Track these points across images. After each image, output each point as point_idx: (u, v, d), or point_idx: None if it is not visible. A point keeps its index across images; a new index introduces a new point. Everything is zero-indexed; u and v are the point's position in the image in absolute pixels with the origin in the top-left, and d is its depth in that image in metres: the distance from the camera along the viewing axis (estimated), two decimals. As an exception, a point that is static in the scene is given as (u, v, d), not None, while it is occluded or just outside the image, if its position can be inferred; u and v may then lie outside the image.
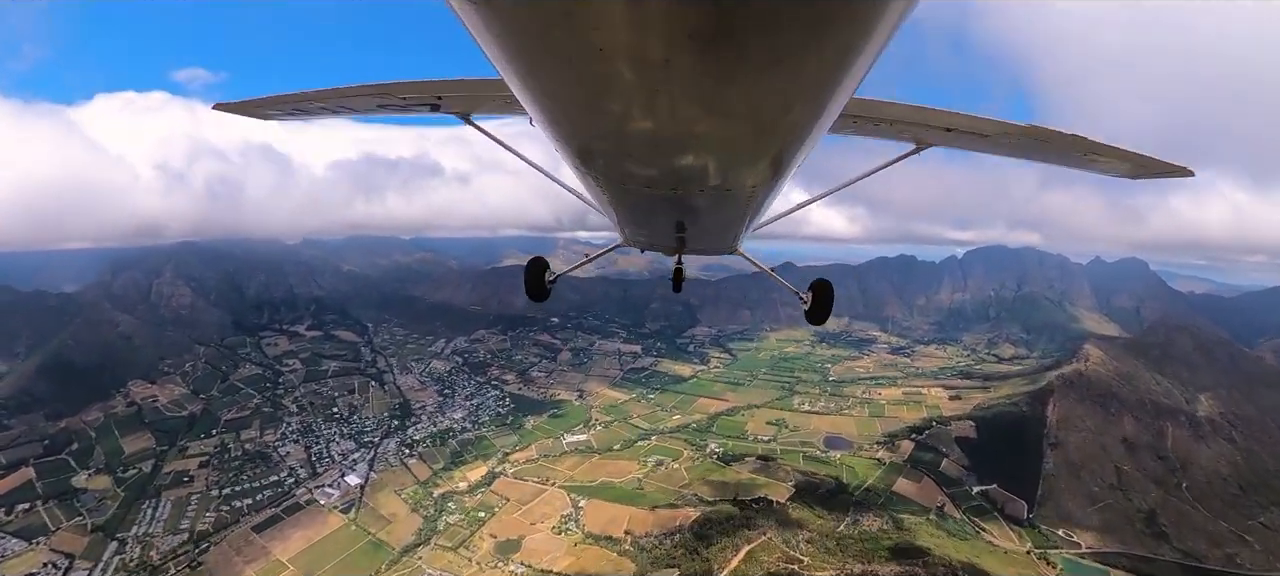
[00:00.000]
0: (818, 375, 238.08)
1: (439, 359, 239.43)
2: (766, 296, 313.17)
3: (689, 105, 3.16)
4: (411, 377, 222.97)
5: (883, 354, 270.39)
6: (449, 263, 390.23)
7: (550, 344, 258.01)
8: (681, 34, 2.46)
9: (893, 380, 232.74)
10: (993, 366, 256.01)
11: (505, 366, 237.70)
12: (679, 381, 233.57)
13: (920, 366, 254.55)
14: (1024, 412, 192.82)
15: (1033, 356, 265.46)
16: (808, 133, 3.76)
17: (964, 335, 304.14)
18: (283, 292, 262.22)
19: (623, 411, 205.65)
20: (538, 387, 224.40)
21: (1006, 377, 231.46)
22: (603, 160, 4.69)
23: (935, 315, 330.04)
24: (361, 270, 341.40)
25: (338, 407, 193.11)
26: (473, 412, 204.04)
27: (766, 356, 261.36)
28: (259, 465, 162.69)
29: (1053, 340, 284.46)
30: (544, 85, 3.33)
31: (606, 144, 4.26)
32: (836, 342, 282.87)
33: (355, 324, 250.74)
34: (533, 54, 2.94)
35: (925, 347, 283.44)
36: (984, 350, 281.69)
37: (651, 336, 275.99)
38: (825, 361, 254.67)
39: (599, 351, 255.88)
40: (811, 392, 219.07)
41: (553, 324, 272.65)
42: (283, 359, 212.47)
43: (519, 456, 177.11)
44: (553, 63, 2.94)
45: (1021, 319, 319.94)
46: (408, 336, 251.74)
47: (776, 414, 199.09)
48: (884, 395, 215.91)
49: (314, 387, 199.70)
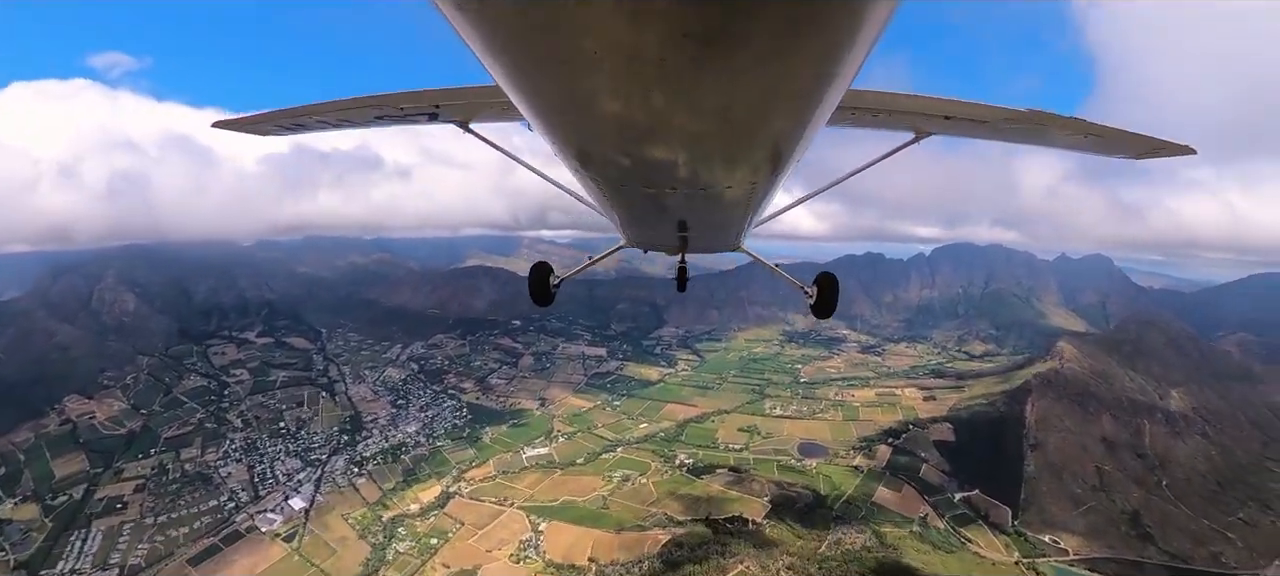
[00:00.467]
0: (788, 376, 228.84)
1: (394, 366, 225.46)
2: (733, 295, 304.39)
3: (686, 105, 3.17)
4: (364, 387, 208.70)
5: (853, 353, 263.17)
6: (408, 264, 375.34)
7: (511, 349, 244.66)
8: (676, 33, 2.46)
9: (865, 380, 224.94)
10: (965, 364, 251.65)
11: (463, 373, 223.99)
12: (646, 386, 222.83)
13: (891, 365, 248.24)
14: (1002, 413, 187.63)
15: (1004, 353, 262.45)
16: (806, 126, 3.79)
17: (933, 332, 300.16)
18: (233, 297, 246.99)
19: (587, 420, 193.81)
20: (497, 396, 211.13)
21: (980, 376, 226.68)
22: (602, 163, 4.62)
23: (904, 312, 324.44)
24: (316, 272, 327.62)
25: (285, 422, 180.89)
26: (428, 425, 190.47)
27: (735, 358, 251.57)
28: (198, 488, 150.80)
29: (1022, 336, 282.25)
30: (540, 90, 3.34)
31: (605, 146, 4.23)
32: (806, 342, 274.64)
33: (308, 330, 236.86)
34: (528, 59, 2.94)
35: (896, 345, 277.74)
36: (954, 348, 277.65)
37: (617, 338, 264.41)
38: (795, 362, 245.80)
39: (562, 355, 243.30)
40: (783, 395, 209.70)
41: (514, 327, 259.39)
42: (230, 369, 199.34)
43: (476, 474, 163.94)
44: (548, 67, 2.94)
45: (990, 315, 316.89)
46: (363, 342, 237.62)
47: (748, 419, 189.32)
48: (857, 397, 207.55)
49: (261, 400, 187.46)
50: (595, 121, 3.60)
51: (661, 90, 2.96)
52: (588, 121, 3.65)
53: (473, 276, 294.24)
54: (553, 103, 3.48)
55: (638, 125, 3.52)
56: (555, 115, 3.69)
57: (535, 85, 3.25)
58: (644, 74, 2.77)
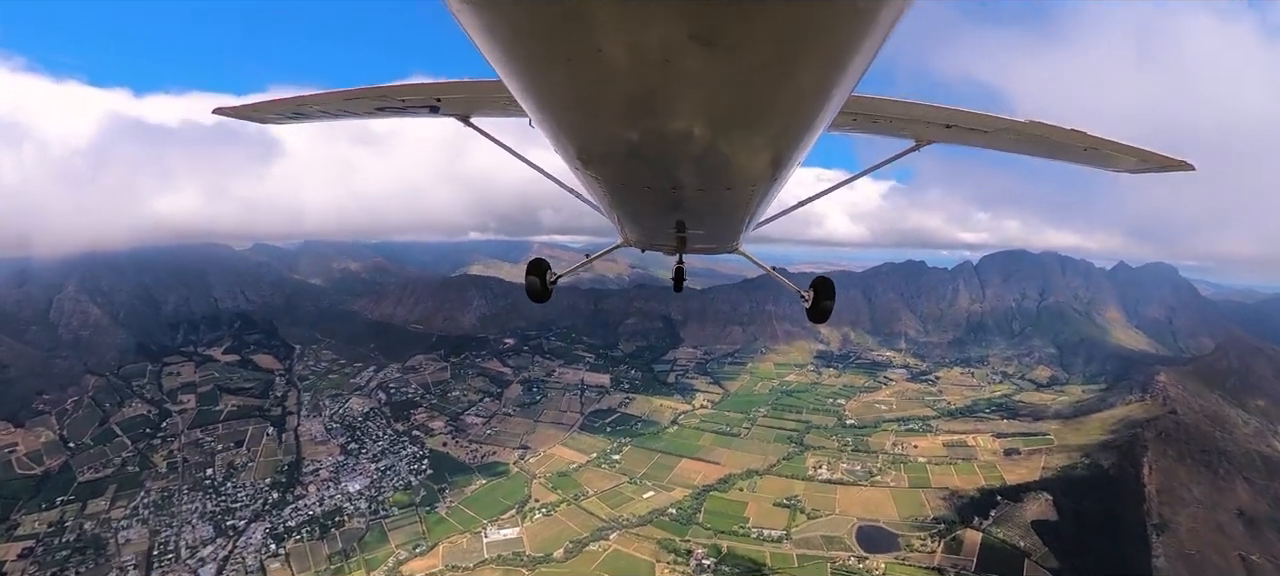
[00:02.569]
0: (831, 416, 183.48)
1: (360, 395, 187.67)
2: (760, 309, 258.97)
3: (688, 105, 3.16)
4: (318, 423, 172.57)
5: (901, 380, 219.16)
6: (406, 271, 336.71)
7: (498, 374, 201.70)
8: (681, 34, 2.41)
9: (925, 423, 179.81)
10: (1034, 397, 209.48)
11: (435, 408, 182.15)
12: (656, 431, 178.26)
13: (949, 399, 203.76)
14: (1111, 478, 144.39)
15: (1074, 381, 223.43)
16: (807, 131, 3.75)
17: (988, 353, 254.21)
18: (205, 308, 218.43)
19: (576, 484, 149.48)
20: (470, 441, 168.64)
21: (1061, 417, 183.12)
22: (602, 160, 4.63)
23: (952, 329, 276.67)
24: (308, 279, 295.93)
25: (215, 469, 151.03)
26: (376, 482, 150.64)
27: (765, 388, 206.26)
28: (88, 559, 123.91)
29: (1092, 360, 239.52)
30: (543, 86, 3.28)
31: (606, 144, 4.23)
32: (846, 366, 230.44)
33: (280, 346, 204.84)
34: (532, 55, 2.89)
35: (948, 370, 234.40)
36: (1016, 374, 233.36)
37: (625, 361, 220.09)
38: (836, 394, 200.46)
39: (557, 384, 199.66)
40: (828, 445, 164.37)
41: (505, 347, 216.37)
42: (178, 393, 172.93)
43: (418, 565, 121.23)
44: (552, 64, 2.89)
45: (1049, 333, 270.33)
46: (334, 363, 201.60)
47: (786, 484, 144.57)
48: (920, 448, 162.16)
49: (198, 436, 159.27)
50: (597, 120, 3.61)
51: (665, 91, 2.93)
52: (590, 119, 3.65)
53: (462, 287, 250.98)
54: (555, 99, 3.44)
55: (640, 125, 3.52)
56: (557, 112, 3.65)
57: (538, 81, 3.20)
58: (648, 74, 2.73)
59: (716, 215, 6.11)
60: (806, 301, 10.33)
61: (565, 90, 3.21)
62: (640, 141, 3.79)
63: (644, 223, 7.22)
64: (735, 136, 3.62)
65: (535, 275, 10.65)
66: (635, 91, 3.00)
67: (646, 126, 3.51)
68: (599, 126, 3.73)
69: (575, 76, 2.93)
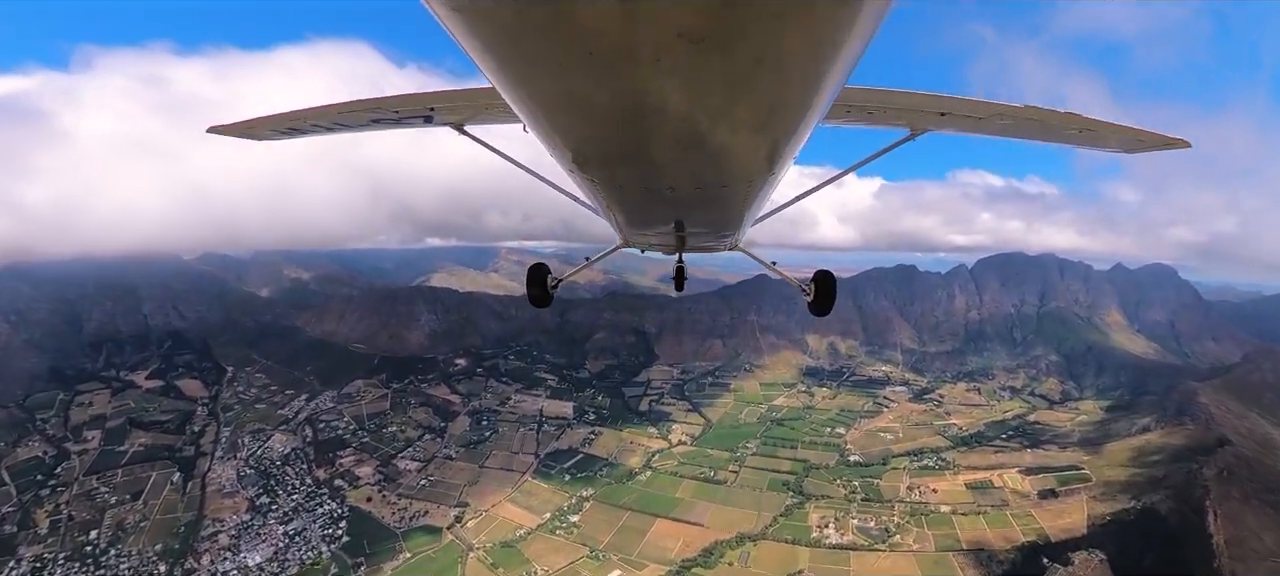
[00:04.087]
0: (831, 450, 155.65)
1: (287, 430, 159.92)
2: (742, 320, 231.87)
3: (681, 105, 3.09)
4: (232, 466, 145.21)
5: (902, 400, 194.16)
6: (358, 280, 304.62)
7: (444, 404, 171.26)
8: (670, 33, 2.38)
9: (939, 457, 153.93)
10: (1047, 415, 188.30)
11: (366, 448, 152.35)
12: (624, 477, 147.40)
13: (958, 422, 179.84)
14: (1170, 527, 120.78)
15: (1088, 396, 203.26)
16: (801, 125, 3.74)
17: (991, 365, 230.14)
18: (133, 325, 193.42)
19: (521, 559, 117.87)
20: (399, 494, 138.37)
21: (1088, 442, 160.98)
22: (598, 164, 4.56)
23: (949, 338, 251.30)
24: (255, 290, 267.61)
25: (100, 531, 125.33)
26: (282, 551, 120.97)
27: (752, 416, 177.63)
28: None
29: (1102, 371, 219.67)
30: (535, 92, 3.24)
31: (600, 147, 4.16)
32: (838, 382, 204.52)
33: (210, 369, 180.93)
34: (522, 61, 2.84)
35: (951, 386, 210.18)
36: (1024, 389, 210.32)
37: (592, 385, 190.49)
38: (833, 421, 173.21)
39: (511, 415, 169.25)
40: (832, 492, 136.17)
41: (455, 370, 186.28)
42: (85, 428, 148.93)
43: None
44: (542, 69, 2.85)
45: (1052, 340, 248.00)
46: (266, 388, 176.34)
47: (788, 552, 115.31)
48: (940, 492, 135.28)
49: (94, 484, 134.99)
50: (591, 123, 3.56)
51: (657, 90, 2.88)
52: (584, 123, 3.61)
53: (411, 300, 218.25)
54: (548, 104, 3.39)
55: (634, 126, 3.44)
56: (551, 116, 3.61)
57: (531, 87, 3.16)
58: (639, 74, 2.70)
59: (715, 212, 5.95)
60: (809, 294, 9.94)
61: (558, 94, 3.16)
62: (635, 142, 3.76)
63: (643, 223, 6.95)
64: (730, 132, 3.56)
65: (536, 280, 10.36)
66: (628, 92, 2.94)
67: (641, 127, 3.44)
68: (593, 129, 3.71)
69: (567, 80, 2.88)
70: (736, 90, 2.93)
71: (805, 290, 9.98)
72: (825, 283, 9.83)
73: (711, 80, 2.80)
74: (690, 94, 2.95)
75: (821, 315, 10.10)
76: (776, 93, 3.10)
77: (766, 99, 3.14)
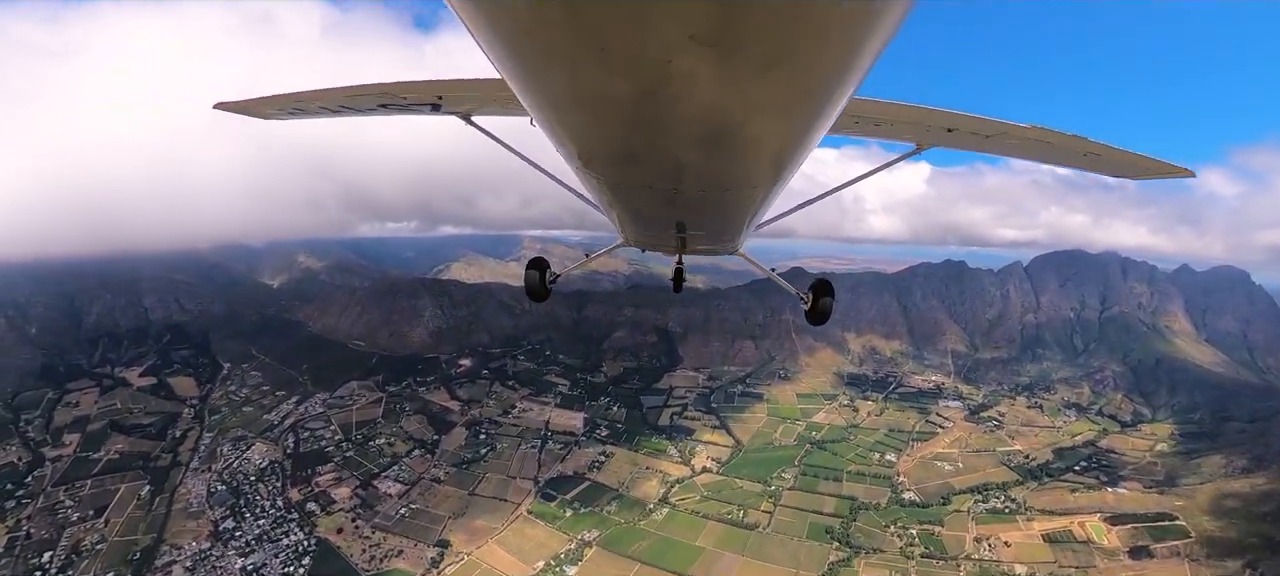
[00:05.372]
0: (882, 483, 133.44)
1: (268, 438, 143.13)
2: (776, 318, 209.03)
3: (689, 107, 3.08)
4: (204, 481, 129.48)
5: (958, 419, 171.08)
6: (371, 270, 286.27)
7: (442, 411, 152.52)
8: (682, 35, 2.36)
9: (1007, 496, 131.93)
10: (1120, 440, 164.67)
11: (349, 464, 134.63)
12: (637, 514, 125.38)
13: (1022, 447, 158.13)
14: None
15: (1162, 417, 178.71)
16: (808, 134, 3.72)
17: (1052, 377, 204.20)
18: (133, 319, 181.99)
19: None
20: (374, 525, 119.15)
21: (1176, 482, 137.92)
22: (604, 161, 4.61)
23: (1005, 345, 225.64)
24: (266, 280, 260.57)
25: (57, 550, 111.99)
26: None
27: (789, 436, 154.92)
28: None
29: (1176, 389, 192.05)
30: (544, 86, 3.23)
31: (606, 145, 4.20)
32: (885, 394, 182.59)
33: (206, 365, 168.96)
34: (533, 55, 2.83)
35: (1010, 402, 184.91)
36: (1091, 407, 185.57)
37: (608, 391, 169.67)
38: (882, 445, 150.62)
39: (514, 428, 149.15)
40: (887, 541, 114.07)
41: (458, 372, 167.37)
42: (66, 431, 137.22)
43: None
44: (553, 64, 2.84)
45: (1117, 349, 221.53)
46: (259, 387, 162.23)
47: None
48: (1015, 545, 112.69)
49: (61, 496, 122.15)
50: (599, 121, 3.56)
51: (666, 92, 2.86)
52: (592, 120, 3.60)
53: (414, 294, 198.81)
54: (556, 99, 3.37)
55: (641, 126, 3.45)
56: (558, 112, 3.60)
57: (540, 81, 3.14)
58: (649, 75, 2.69)
59: (717, 216, 6.02)
60: (806, 303, 10.14)
61: (566, 90, 3.14)
62: (641, 142, 3.78)
63: (644, 223, 7.03)
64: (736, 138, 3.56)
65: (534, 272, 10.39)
66: (636, 92, 2.93)
67: (647, 127, 3.44)
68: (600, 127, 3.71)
69: (577, 76, 2.88)
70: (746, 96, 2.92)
71: (803, 299, 10.16)
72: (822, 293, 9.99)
73: (721, 84, 2.77)
74: (699, 98, 2.93)
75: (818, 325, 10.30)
76: (785, 100, 3.07)
77: (775, 106, 3.12)
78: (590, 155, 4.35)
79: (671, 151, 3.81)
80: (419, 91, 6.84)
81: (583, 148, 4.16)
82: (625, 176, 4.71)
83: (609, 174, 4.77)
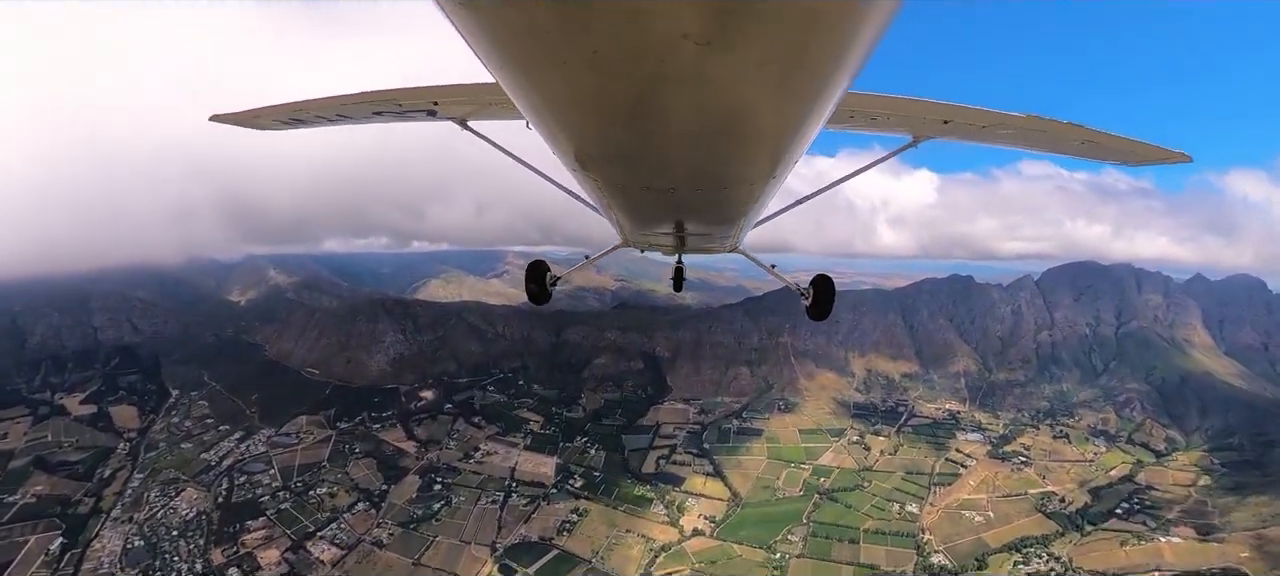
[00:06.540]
0: (905, 542, 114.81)
1: (202, 482, 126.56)
2: (773, 341, 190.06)
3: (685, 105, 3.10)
4: (121, 534, 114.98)
5: (981, 456, 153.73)
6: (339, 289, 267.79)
7: (395, 454, 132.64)
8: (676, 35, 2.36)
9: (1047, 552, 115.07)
10: (1158, 474, 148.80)
11: (283, 519, 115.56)
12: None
13: (1056, 488, 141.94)
14: None
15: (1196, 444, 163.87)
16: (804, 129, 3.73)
17: (1071, 399, 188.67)
18: (79, 339, 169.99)
19: None
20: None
21: (1237, 531, 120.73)
22: (600, 163, 4.59)
23: (1020, 365, 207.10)
24: (235, 298, 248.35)
25: None
26: None
27: (792, 481, 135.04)
28: None
29: (1207, 411, 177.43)
30: (539, 89, 3.21)
31: (603, 146, 4.19)
32: (897, 426, 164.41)
33: (155, 392, 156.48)
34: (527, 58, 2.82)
35: (1034, 433, 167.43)
36: (1120, 435, 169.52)
37: (585, 428, 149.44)
38: (902, 494, 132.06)
39: (474, 477, 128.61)
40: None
41: (419, 406, 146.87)
42: None
43: None
44: (547, 67, 2.82)
45: (1139, 368, 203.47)
46: (204, 418, 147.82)
47: None
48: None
49: None
50: (595, 122, 3.55)
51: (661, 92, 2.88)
52: (587, 121, 3.59)
53: (374, 317, 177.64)
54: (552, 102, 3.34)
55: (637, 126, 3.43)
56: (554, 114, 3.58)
57: (534, 84, 3.12)
58: (644, 75, 2.70)
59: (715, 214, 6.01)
60: (807, 299, 10.00)
61: (562, 92, 3.12)
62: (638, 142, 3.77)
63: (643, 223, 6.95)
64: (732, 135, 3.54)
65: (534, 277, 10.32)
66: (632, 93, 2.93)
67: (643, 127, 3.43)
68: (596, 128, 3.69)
69: (571, 79, 2.86)
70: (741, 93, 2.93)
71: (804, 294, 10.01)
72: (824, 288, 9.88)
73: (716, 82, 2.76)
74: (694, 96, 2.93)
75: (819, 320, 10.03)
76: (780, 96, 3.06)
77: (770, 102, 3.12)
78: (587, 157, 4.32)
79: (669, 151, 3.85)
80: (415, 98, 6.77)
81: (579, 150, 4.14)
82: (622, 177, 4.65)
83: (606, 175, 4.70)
